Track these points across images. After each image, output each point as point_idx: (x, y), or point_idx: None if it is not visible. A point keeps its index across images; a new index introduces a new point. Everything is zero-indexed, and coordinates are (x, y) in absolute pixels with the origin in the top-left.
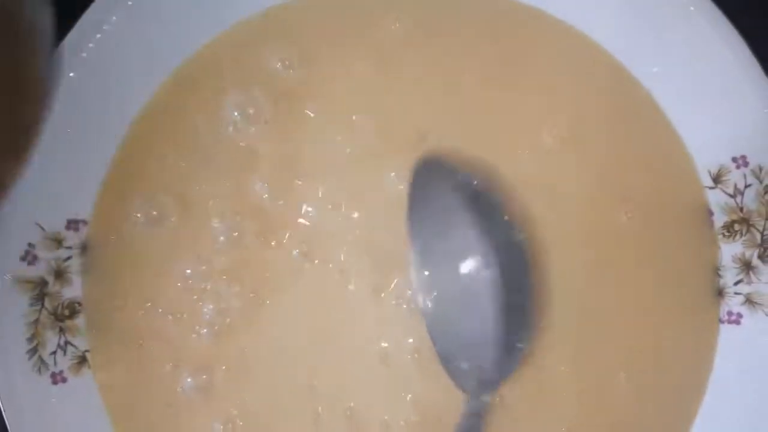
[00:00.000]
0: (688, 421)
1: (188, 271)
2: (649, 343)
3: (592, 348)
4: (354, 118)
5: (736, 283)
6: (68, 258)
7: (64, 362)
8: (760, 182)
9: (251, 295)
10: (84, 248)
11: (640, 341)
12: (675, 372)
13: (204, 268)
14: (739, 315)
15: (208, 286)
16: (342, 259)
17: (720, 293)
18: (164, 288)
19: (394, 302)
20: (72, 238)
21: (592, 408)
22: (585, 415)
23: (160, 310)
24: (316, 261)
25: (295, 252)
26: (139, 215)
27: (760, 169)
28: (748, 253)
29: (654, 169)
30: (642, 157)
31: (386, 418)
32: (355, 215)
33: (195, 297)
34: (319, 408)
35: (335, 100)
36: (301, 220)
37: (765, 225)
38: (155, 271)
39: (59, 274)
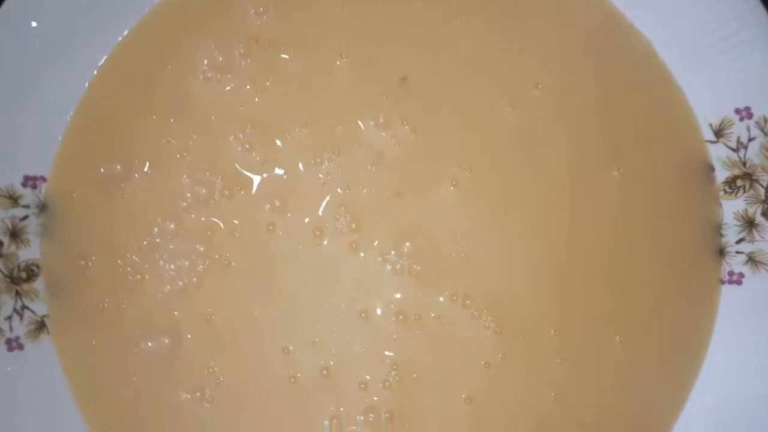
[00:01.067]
0: (687, 384)
1: (156, 229)
2: (645, 306)
3: (583, 311)
4: (336, 63)
5: (737, 242)
6: (25, 217)
7: (20, 328)
8: (765, 135)
9: (216, 256)
10: (43, 207)
11: (636, 304)
12: (673, 335)
13: (172, 226)
14: (741, 275)
15: (173, 246)
16: (319, 214)
17: (721, 252)
18: (128, 247)
19: (376, 261)
20: (29, 196)
21: (584, 372)
22: (575, 379)
23: (121, 271)
24: (288, 214)
25: (267, 207)
26: (102, 170)
27: (765, 120)
28: (750, 210)
29: (651, 122)
30: (638, 110)
31: (368, 378)
32: (334, 168)
33: (157, 256)
34: (294, 372)
35: (311, 45)
36: (274, 174)
37: None
38: (119, 230)
39: (15, 235)
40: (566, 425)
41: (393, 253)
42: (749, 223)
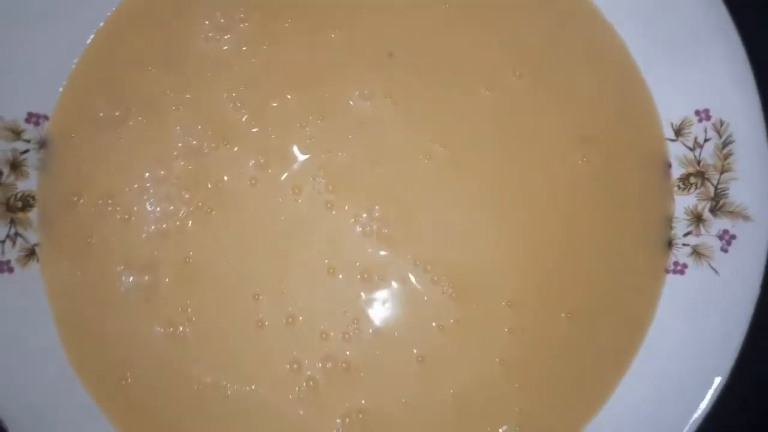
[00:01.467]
0: (625, 362)
1: (146, 174)
2: (594, 287)
3: (535, 287)
4: (330, 36)
5: (685, 235)
6: (26, 151)
7: (12, 253)
8: (720, 136)
9: (199, 203)
10: (43, 143)
11: (585, 285)
12: (617, 316)
13: (163, 172)
14: (685, 266)
15: (161, 191)
16: (298, 174)
17: (669, 244)
18: (119, 188)
19: (348, 222)
20: (31, 132)
21: (529, 342)
22: (520, 348)
23: (110, 210)
24: (270, 170)
25: (251, 162)
26: (101, 115)
27: (721, 123)
28: (700, 206)
29: (618, 117)
30: (608, 105)
31: (329, 329)
32: (317, 132)
33: (145, 198)
34: (262, 318)
35: (306, 17)
36: (262, 132)
37: (719, 179)
38: (113, 172)
39: (15, 166)
40: (508, 388)
41: (364, 216)
42: (697, 218)
